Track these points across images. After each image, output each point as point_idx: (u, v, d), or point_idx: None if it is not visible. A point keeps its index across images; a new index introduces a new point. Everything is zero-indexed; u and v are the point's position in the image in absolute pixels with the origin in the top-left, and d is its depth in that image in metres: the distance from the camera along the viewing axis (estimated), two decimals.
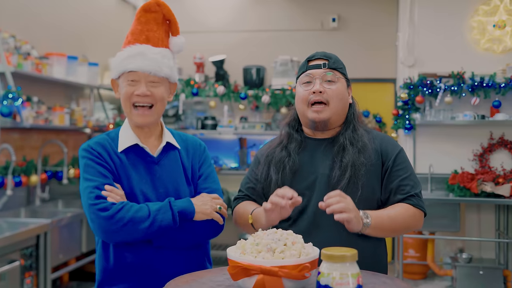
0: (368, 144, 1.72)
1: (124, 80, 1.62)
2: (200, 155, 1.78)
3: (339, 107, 1.73)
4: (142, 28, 1.65)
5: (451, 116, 4.63)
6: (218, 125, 5.30)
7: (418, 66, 4.86)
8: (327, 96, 1.71)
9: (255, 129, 5.21)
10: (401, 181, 1.70)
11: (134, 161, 1.66)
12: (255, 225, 1.68)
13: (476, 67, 4.64)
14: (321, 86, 1.71)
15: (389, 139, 1.79)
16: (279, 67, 5.18)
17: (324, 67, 1.73)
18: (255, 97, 5.11)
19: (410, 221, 1.67)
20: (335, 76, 1.73)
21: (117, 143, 1.68)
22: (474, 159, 4.76)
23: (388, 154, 1.73)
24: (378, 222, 1.60)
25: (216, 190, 1.73)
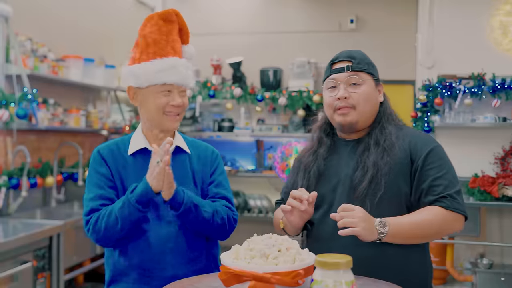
0: (396, 143, 1.67)
1: (156, 91, 1.68)
2: (212, 162, 1.84)
3: (366, 109, 1.70)
4: (167, 39, 1.70)
5: (471, 118, 4.57)
6: (235, 127, 5.32)
7: (437, 67, 4.78)
8: (352, 101, 1.68)
9: (272, 131, 5.23)
10: (432, 181, 1.60)
11: (142, 164, 1.72)
12: (287, 229, 1.71)
13: (497, 68, 4.54)
14: (345, 91, 1.68)
15: (422, 136, 1.71)
16: (296, 69, 5.19)
17: (347, 70, 1.70)
18: (272, 99, 5.13)
19: (441, 225, 1.57)
20: (360, 78, 1.70)
21: (128, 146, 1.78)
22: (496, 163, 4.66)
23: (418, 152, 1.65)
24: (398, 230, 1.53)
25: (226, 197, 1.79)
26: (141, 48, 1.71)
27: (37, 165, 3.82)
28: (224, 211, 1.76)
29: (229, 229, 1.78)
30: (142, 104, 1.72)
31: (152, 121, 1.74)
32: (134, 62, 1.72)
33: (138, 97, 1.73)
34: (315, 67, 5.33)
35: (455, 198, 1.59)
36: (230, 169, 5.24)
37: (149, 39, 1.70)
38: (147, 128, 1.77)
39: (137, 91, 1.72)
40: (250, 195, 5.36)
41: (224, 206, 1.78)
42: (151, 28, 1.71)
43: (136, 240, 1.70)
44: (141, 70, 1.68)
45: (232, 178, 5.39)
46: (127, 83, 1.76)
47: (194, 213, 1.68)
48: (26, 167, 3.52)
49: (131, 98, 1.75)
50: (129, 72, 1.71)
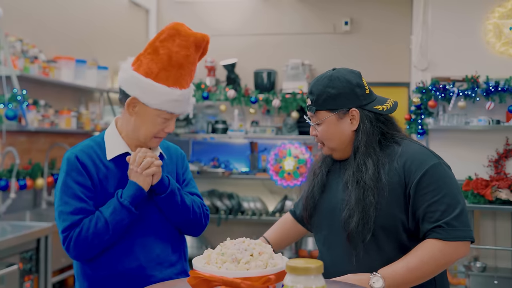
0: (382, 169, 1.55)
1: (158, 115, 1.62)
2: (182, 163, 1.85)
3: (334, 144, 1.66)
4: (191, 68, 1.64)
5: (465, 121, 4.54)
6: (229, 129, 5.30)
7: (431, 69, 4.74)
8: (320, 137, 1.68)
9: (266, 133, 5.20)
10: (427, 208, 1.50)
11: (124, 169, 1.67)
12: None
13: (491, 71, 4.51)
14: (313, 129, 1.68)
15: (418, 156, 1.56)
16: (290, 71, 5.16)
17: (309, 110, 1.67)
18: (265, 101, 5.11)
19: (440, 260, 1.47)
20: (317, 119, 1.65)
21: (104, 150, 1.68)
22: (489, 165, 4.63)
23: (411, 175, 1.53)
24: (395, 280, 1.46)
25: (197, 194, 1.84)
26: (162, 64, 1.60)
27: (27, 167, 3.80)
28: (199, 203, 1.78)
29: (204, 224, 1.79)
30: (138, 117, 1.65)
31: (136, 136, 1.68)
32: (149, 75, 1.60)
33: (137, 109, 1.64)
34: (310, 69, 5.33)
35: (453, 225, 1.48)
36: (223, 171, 5.21)
37: (175, 61, 1.60)
38: (128, 134, 1.70)
39: (139, 105, 1.63)
40: (243, 197, 5.34)
41: (198, 200, 1.80)
42: (181, 50, 1.61)
43: (119, 247, 1.66)
44: (156, 90, 1.60)
45: (226, 180, 5.42)
46: (130, 90, 1.63)
47: (178, 196, 1.68)
48: (15, 169, 3.49)
49: (128, 106, 1.64)
50: (139, 83, 1.60)
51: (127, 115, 1.66)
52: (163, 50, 1.60)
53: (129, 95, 1.64)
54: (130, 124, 1.67)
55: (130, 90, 1.62)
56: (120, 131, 1.70)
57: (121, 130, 1.71)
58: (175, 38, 1.61)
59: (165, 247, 1.71)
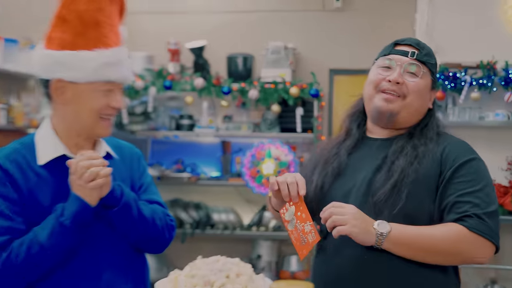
0: (431, 150, 1.70)
1: (95, 90, 1.63)
2: (138, 164, 1.87)
3: (414, 104, 1.74)
4: (112, 23, 1.67)
5: (479, 115, 4.61)
6: (196, 125, 5.29)
7: (439, 54, 4.37)
8: (405, 89, 1.73)
9: (241, 131, 5.20)
10: (459, 197, 1.60)
11: (61, 176, 1.63)
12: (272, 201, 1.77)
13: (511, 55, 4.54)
14: (400, 76, 1.73)
15: (460, 145, 1.74)
16: (271, 56, 5.15)
17: (412, 56, 1.75)
18: (241, 92, 5.11)
19: (457, 245, 1.57)
20: (421, 70, 1.75)
21: (35, 154, 1.66)
22: (509, 169, 4.65)
23: (449, 162, 1.66)
24: (401, 235, 1.57)
25: (159, 202, 1.83)
26: (75, 29, 1.62)
27: None
28: (161, 213, 1.78)
29: (168, 238, 1.79)
30: (72, 103, 1.63)
31: (80, 125, 1.67)
32: (65, 46, 1.61)
33: (67, 93, 1.63)
34: (294, 54, 5.30)
35: (484, 219, 1.57)
36: (189, 176, 5.21)
37: (88, 19, 1.62)
38: (67, 132, 1.68)
39: (67, 86, 1.62)
40: (213, 207, 5.31)
41: (160, 209, 1.80)
42: (91, 5, 1.62)
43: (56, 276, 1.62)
44: (78, 60, 1.60)
45: (192, 187, 5.39)
46: (50, 74, 1.62)
47: (134, 208, 1.68)
48: None
49: (55, 93, 1.63)
50: (58, 60, 1.60)
51: (60, 106, 1.65)
52: (71, 15, 1.62)
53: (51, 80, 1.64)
54: (68, 116, 1.66)
55: (50, 73, 1.62)
56: (56, 130, 1.69)
57: (56, 128, 1.69)
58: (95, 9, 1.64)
59: (119, 273, 1.70)
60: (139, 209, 1.70)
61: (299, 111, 5.07)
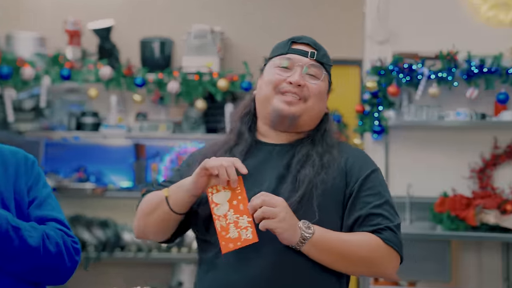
0: (336, 159, 1.84)
1: None
2: (27, 172, 1.80)
3: (316, 108, 1.87)
4: None
5: (438, 114, 4.52)
6: (103, 124, 5.13)
7: (392, 42, 4.73)
8: (306, 92, 1.84)
9: (159, 131, 5.09)
10: (371, 209, 1.76)
11: None
12: (171, 199, 1.78)
13: (475, 45, 4.47)
14: (301, 78, 1.83)
15: (362, 156, 1.93)
16: (194, 41, 5.09)
17: (311, 57, 1.86)
18: (158, 84, 5.00)
19: (372, 255, 1.73)
20: (322, 72, 1.87)
21: None
22: (471, 177, 4.63)
23: (354, 173, 1.82)
24: (324, 239, 1.69)
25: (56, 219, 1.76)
26: None
27: None
28: (59, 235, 1.72)
29: (70, 266, 1.74)
30: None
31: None
32: None
33: None
34: (222, 39, 5.25)
35: (395, 232, 1.74)
36: (94, 186, 5.09)
37: None
38: None
39: None
40: (124, 225, 5.17)
41: (57, 229, 1.74)
42: None
43: None
44: None
45: (98, 201, 5.29)
46: None
47: (15, 239, 1.62)
48: None
49: None
50: None
51: None
52: None
53: None
54: None
55: None
56: None
57: None
58: None
59: None
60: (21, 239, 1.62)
61: (229, 108, 4.97)
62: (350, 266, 1.74)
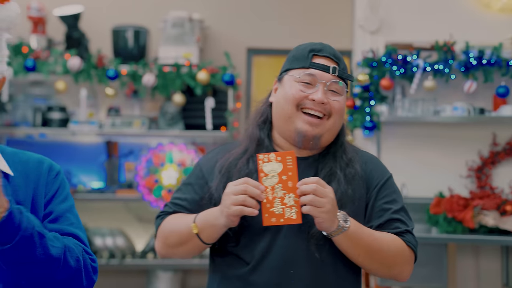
0: (358, 172, 1.96)
1: None
2: (47, 185, 1.79)
3: (337, 125, 1.99)
4: None
5: (434, 109, 4.55)
6: (71, 120, 5.08)
7: (385, 32, 4.76)
8: (328, 109, 1.93)
9: (133, 128, 5.06)
10: (391, 214, 1.91)
11: None
12: (203, 235, 1.87)
13: (473, 35, 4.49)
14: (325, 96, 1.92)
15: (377, 161, 2.08)
16: (171, 30, 5.08)
17: (333, 72, 1.94)
18: (132, 77, 4.95)
19: (396, 256, 1.87)
20: (344, 89, 1.97)
21: None
22: (469, 176, 4.65)
23: (373, 180, 1.97)
24: (358, 233, 1.81)
25: (75, 235, 1.76)
26: None
27: None
28: (79, 250, 1.71)
29: (86, 282, 1.73)
30: None
31: None
32: None
33: None
34: (201, 28, 5.23)
35: (414, 235, 1.92)
36: None
37: None
38: None
39: None
40: (96, 229, 5.13)
41: (77, 244, 1.72)
42: None
43: None
44: None
45: None
46: None
47: (38, 246, 1.58)
48: None
49: None
50: None
51: None
52: None
53: None
54: None
55: None
56: None
57: None
58: None
59: None
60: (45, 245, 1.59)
61: (209, 103, 5.01)
62: (374, 263, 1.86)
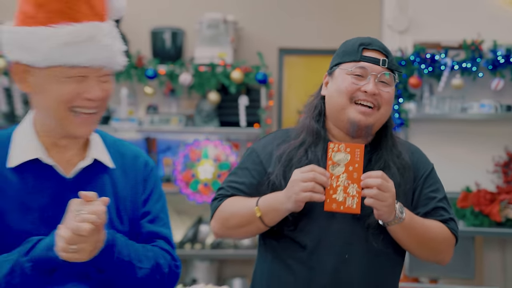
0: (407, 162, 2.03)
1: (59, 76, 1.60)
2: (145, 182, 1.82)
3: (386, 114, 2.03)
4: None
5: (461, 106, 4.61)
6: (113, 117, 5.12)
7: (413, 31, 4.83)
8: (380, 100, 1.97)
9: (170, 125, 5.12)
10: (436, 203, 2.00)
11: (35, 184, 1.65)
12: (266, 218, 1.91)
13: (500, 34, 4.55)
14: (376, 87, 1.96)
15: (421, 152, 2.15)
16: (207, 31, 5.11)
17: (383, 64, 1.98)
18: (169, 76, 5.01)
19: (442, 242, 1.97)
20: (393, 80, 2.01)
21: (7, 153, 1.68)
22: (496, 171, 4.70)
23: (420, 169, 2.06)
24: (412, 223, 1.89)
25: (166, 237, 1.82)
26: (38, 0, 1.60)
27: None
28: (166, 263, 1.76)
29: None
30: (37, 91, 1.64)
31: (52, 120, 1.66)
32: (27, 21, 1.60)
33: (31, 79, 1.62)
34: (235, 29, 5.25)
35: (456, 222, 2.01)
36: None
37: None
38: (44, 127, 1.68)
39: (30, 71, 1.61)
40: None
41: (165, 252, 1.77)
42: None
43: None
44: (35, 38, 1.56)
45: None
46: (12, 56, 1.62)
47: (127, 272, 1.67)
48: None
49: (17, 80, 1.65)
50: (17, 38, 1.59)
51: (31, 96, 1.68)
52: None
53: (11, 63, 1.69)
54: (39, 109, 1.68)
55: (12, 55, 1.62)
56: (35, 125, 1.71)
57: (35, 123, 1.72)
58: None
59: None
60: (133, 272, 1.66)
61: (243, 101, 5.04)
62: (425, 250, 1.96)
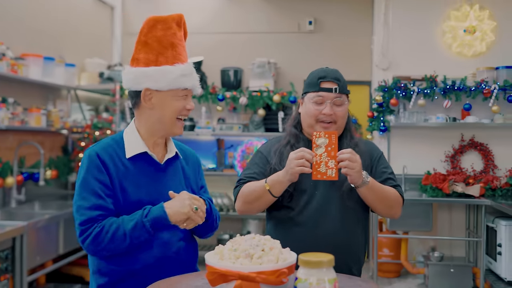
0: (364, 150, 1.97)
1: (175, 95, 1.68)
2: (198, 167, 1.88)
3: (343, 124, 1.97)
4: (183, 44, 1.73)
5: (424, 118, 4.65)
6: (196, 126, 5.22)
7: (392, 69, 4.86)
8: (335, 117, 1.92)
9: (233, 130, 5.17)
10: (387, 175, 1.97)
11: (142, 169, 1.69)
12: (273, 190, 1.84)
13: (448, 71, 4.66)
14: (331, 109, 1.91)
15: (372, 143, 2.11)
16: (257, 69, 5.17)
17: (335, 91, 1.92)
18: (232, 99, 5.07)
19: (394, 200, 1.92)
20: (343, 100, 1.94)
21: (123, 148, 1.71)
22: (446, 160, 4.79)
23: (374, 154, 2.02)
24: (374, 186, 1.85)
25: (211, 200, 1.86)
26: (156, 50, 1.69)
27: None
28: (216, 211, 1.84)
29: (216, 227, 1.86)
30: (157, 106, 1.69)
31: (162, 125, 1.71)
32: (150, 63, 1.68)
33: (154, 99, 1.68)
34: (275, 67, 5.34)
35: (401, 188, 1.98)
36: None
37: (166, 42, 1.69)
38: (149, 131, 1.73)
39: (153, 94, 1.68)
40: (211, 193, 5.22)
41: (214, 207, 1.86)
42: (166, 32, 1.70)
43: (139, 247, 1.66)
44: (162, 73, 1.66)
45: None
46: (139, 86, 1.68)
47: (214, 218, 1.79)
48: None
49: (144, 100, 1.69)
50: (145, 74, 1.67)
51: (146, 110, 1.70)
52: (151, 40, 1.70)
53: (141, 90, 1.70)
54: (152, 118, 1.70)
55: (139, 85, 1.69)
56: (139, 130, 1.74)
57: (139, 129, 1.73)
58: (156, 25, 1.71)
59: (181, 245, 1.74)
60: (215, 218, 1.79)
61: (280, 114, 5.04)
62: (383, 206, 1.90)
